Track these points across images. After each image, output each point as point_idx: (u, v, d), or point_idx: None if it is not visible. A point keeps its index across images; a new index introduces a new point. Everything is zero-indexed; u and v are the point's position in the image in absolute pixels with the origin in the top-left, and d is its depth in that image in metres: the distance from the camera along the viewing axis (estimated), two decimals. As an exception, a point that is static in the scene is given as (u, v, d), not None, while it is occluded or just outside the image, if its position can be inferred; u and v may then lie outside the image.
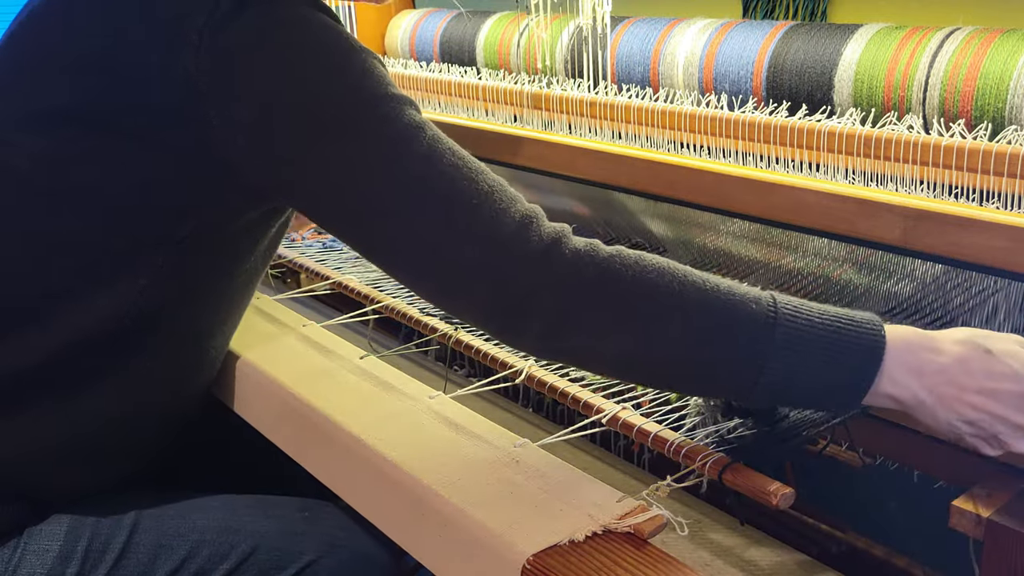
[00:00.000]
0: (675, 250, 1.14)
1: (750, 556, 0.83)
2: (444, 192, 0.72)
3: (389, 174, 0.73)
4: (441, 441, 0.79)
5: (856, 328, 0.68)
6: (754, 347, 0.66)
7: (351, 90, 0.74)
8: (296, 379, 0.92)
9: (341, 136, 0.73)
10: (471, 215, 0.71)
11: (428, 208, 0.72)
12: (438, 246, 0.72)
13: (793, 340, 0.66)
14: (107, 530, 0.88)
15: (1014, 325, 0.84)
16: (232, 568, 0.90)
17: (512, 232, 0.71)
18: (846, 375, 0.67)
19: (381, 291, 1.12)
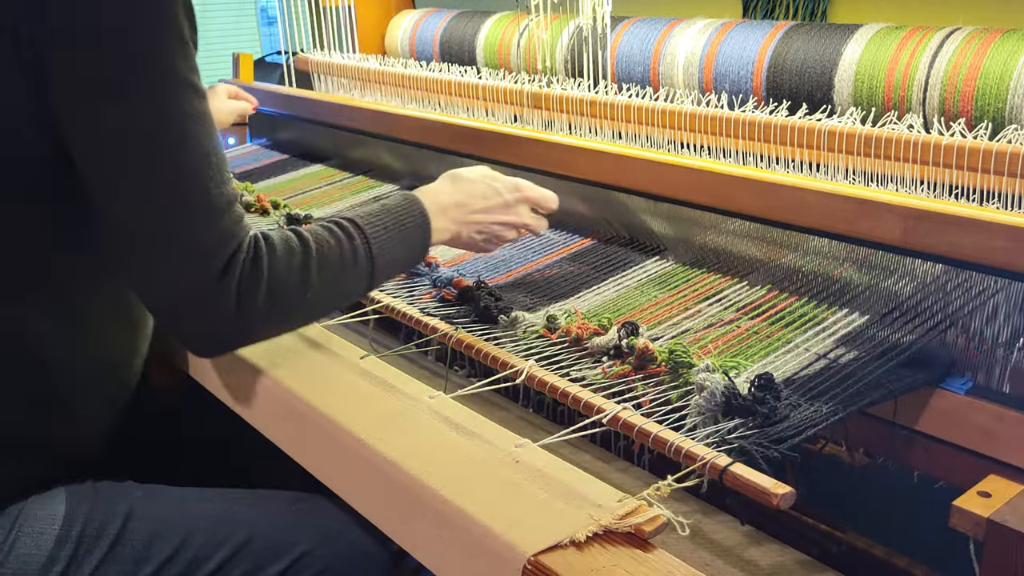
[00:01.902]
0: (675, 249, 1.14)
1: (750, 556, 0.83)
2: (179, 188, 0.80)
3: (150, 151, 0.79)
4: (441, 441, 0.79)
5: (412, 216, 0.97)
6: (363, 290, 0.94)
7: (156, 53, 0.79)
8: (296, 379, 0.92)
9: (124, 92, 0.78)
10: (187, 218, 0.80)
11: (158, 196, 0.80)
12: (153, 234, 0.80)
13: (385, 263, 0.93)
14: (102, 516, 0.89)
15: (1014, 325, 0.84)
16: (227, 557, 0.91)
17: (207, 253, 0.80)
18: (418, 250, 0.98)
19: (381, 291, 1.12)
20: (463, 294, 1.05)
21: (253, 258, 0.83)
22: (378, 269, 0.92)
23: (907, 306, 0.91)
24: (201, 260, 0.80)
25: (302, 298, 0.86)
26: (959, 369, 0.87)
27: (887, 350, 0.86)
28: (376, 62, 1.78)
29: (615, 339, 0.91)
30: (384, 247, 0.92)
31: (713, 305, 1.01)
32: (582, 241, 1.24)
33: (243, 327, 0.84)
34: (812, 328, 0.93)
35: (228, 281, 0.81)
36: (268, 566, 0.92)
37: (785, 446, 0.72)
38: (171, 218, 0.80)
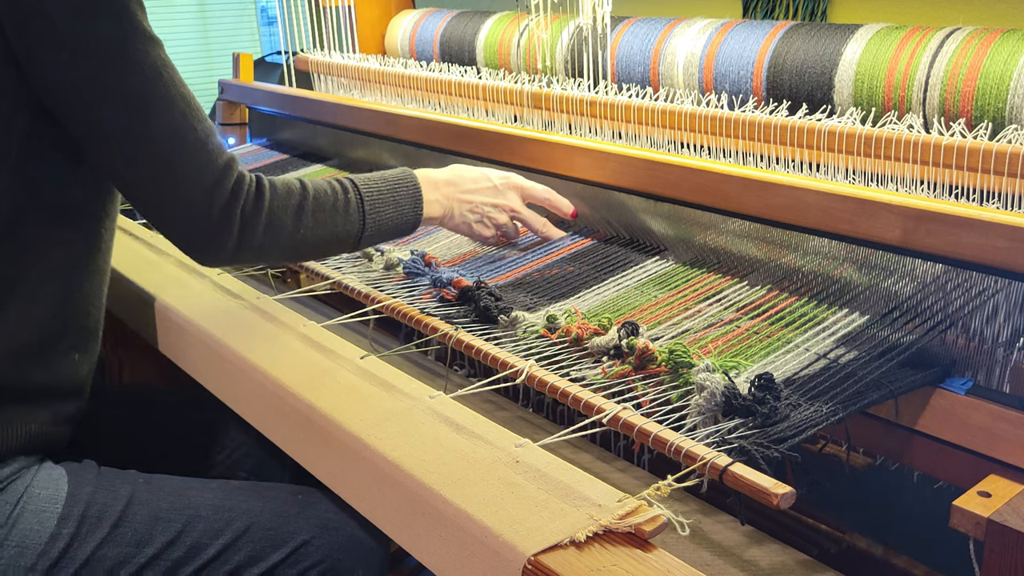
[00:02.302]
0: (675, 249, 1.14)
1: (750, 556, 0.83)
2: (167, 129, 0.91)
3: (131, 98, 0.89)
4: (441, 441, 0.79)
5: (405, 185, 1.09)
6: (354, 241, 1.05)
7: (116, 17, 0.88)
8: (296, 379, 0.92)
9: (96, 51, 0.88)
10: (189, 152, 0.92)
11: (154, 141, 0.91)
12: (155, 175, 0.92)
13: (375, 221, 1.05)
14: (104, 498, 0.92)
15: (1014, 325, 0.84)
16: (227, 544, 0.92)
17: (211, 178, 0.92)
18: (408, 216, 1.10)
19: (381, 291, 1.12)
20: (463, 294, 1.06)
21: (256, 194, 0.95)
22: (368, 224, 1.04)
23: (907, 306, 0.91)
24: (206, 190, 0.92)
25: (295, 234, 0.99)
26: (959, 369, 0.87)
27: (887, 350, 0.86)
28: (376, 62, 1.78)
29: (615, 339, 0.91)
30: (376, 205, 1.05)
31: (713, 305, 1.01)
32: (582, 241, 1.24)
33: (242, 250, 0.96)
34: (812, 328, 0.93)
35: (232, 209, 0.93)
36: (268, 554, 0.93)
37: (785, 446, 0.72)
38: (174, 158, 0.91)
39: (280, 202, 0.97)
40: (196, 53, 4.81)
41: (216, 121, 2.08)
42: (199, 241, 0.96)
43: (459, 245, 1.29)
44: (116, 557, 0.89)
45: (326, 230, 1.02)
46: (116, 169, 0.94)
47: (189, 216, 0.93)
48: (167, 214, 0.95)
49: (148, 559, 0.90)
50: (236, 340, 1.01)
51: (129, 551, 0.90)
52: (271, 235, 0.97)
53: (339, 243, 1.05)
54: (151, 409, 1.24)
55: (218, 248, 0.95)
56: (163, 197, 0.93)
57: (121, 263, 1.27)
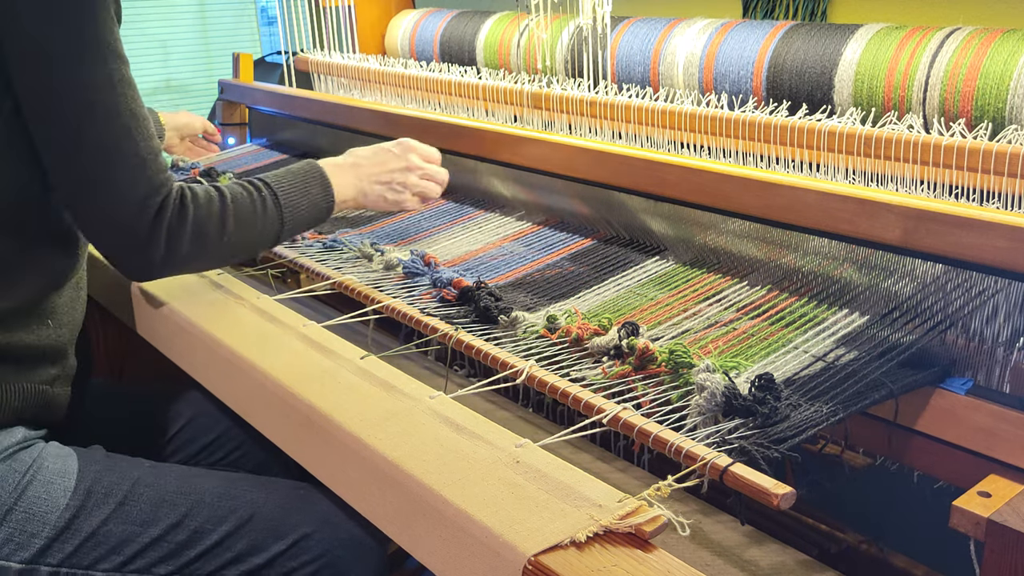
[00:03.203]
0: (675, 249, 1.14)
1: (750, 556, 0.83)
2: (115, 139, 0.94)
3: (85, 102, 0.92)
4: (441, 441, 0.79)
5: (312, 175, 1.15)
6: (275, 237, 1.11)
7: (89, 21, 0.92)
8: (296, 379, 0.92)
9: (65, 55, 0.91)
10: (122, 164, 0.95)
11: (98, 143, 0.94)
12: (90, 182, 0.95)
13: (292, 214, 1.12)
14: (112, 477, 0.94)
15: (1014, 325, 0.84)
16: (229, 531, 0.94)
17: (138, 199, 0.96)
18: (322, 208, 1.16)
19: (381, 291, 1.12)
20: (463, 294, 1.06)
21: (180, 205, 0.99)
22: (286, 219, 1.10)
23: (907, 306, 0.91)
24: (136, 205, 0.96)
25: (219, 240, 1.03)
26: (959, 369, 0.87)
27: (887, 350, 0.86)
28: (376, 62, 1.78)
29: (615, 339, 0.91)
30: (290, 199, 1.11)
31: (713, 305, 1.01)
32: (582, 241, 1.24)
33: (170, 262, 1.00)
34: (812, 328, 0.93)
35: (159, 223, 0.97)
36: (269, 544, 0.95)
37: (785, 446, 0.72)
38: (110, 170, 0.94)
39: (203, 211, 1.01)
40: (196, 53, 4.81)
41: (216, 121, 2.08)
42: (128, 255, 1.00)
43: (459, 245, 1.29)
44: (121, 534, 0.91)
45: (248, 232, 1.07)
46: (56, 175, 0.96)
47: (119, 230, 0.97)
48: (98, 226, 0.98)
49: (152, 540, 0.92)
50: (236, 340, 1.02)
51: (134, 530, 0.92)
52: (197, 244, 1.01)
53: (262, 242, 1.11)
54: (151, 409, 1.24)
55: (147, 262, 0.99)
56: (96, 208, 0.96)
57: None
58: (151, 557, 0.92)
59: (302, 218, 1.13)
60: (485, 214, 1.39)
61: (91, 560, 0.90)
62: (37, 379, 1.00)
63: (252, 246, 1.10)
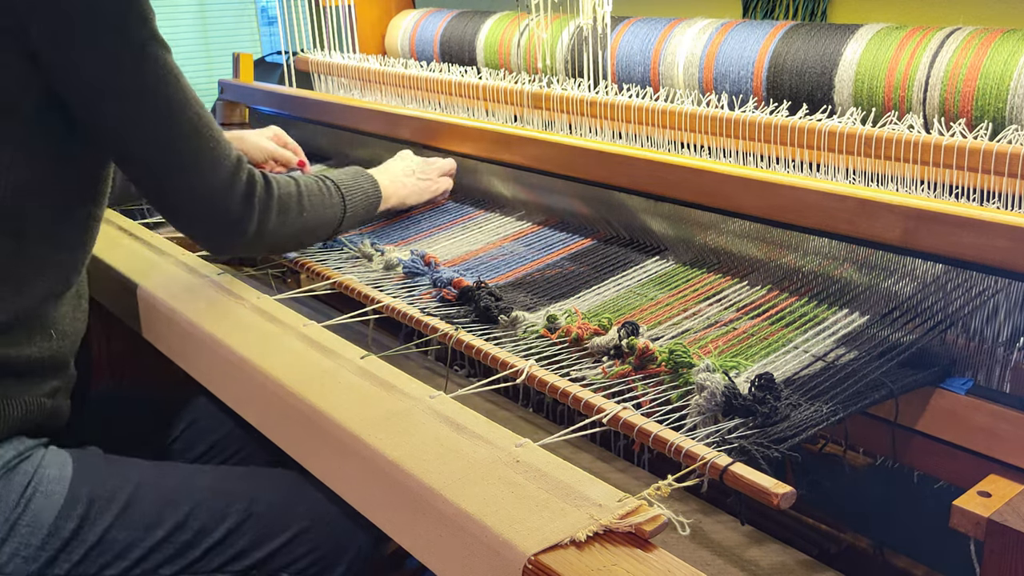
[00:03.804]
0: (676, 249, 1.14)
1: (750, 556, 0.83)
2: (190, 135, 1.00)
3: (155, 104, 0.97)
4: (442, 441, 0.79)
5: (362, 175, 1.29)
6: (339, 223, 1.23)
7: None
8: (296, 379, 0.92)
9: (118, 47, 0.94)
10: (209, 152, 1.01)
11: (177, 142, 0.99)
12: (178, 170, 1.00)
13: (356, 207, 1.25)
14: (113, 482, 0.94)
15: (1014, 325, 0.84)
16: (231, 528, 0.95)
17: (229, 174, 1.03)
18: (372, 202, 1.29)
19: (381, 291, 1.12)
20: (463, 294, 1.06)
21: (266, 183, 1.08)
22: (348, 207, 1.22)
23: (907, 306, 0.91)
24: (227, 181, 1.03)
25: (299, 218, 1.13)
26: (959, 369, 0.87)
27: (887, 350, 0.86)
28: (376, 62, 1.78)
29: (615, 339, 0.91)
30: (349, 190, 1.23)
31: (713, 305, 1.01)
32: (582, 241, 1.24)
33: (260, 234, 1.08)
34: (812, 328, 0.93)
35: (251, 197, 1.05)
36: (269, 540, 0.96)
37: (785, 446, 0.72)
38: (196, 156, 1.00)
39: (284, 190, 1.11)
40: (196, 53, 4.80)
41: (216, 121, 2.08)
42: (223, 228, 1.06)
43: (459, 245, 1.29)
44: (126, 540, 0.91)
45: (320, 213, 1.17)
46: (140, 167, 1.02)
47: (213, 206, 1.03)
48: (192, 206, 1.04)
49: (157, 542, 0.92)
50: (236, 340, 1.01)
51: (138, 534, 0.92)
52: (282, 218, 1.10)
53: (327, 227, 1.21)
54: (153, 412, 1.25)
55: (240, 233, 1.06)
56: (188, 190, 1.02)
57: (120, 262, 1.27)
58: (155, 560, 0.91)
59: (358, 209, 1.25)
60: (485, 214, 1.39)
61: (97, 567, 0.90)
62: (39, 392, 0.99)
63: (320, 229, 1.20)
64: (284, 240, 1.15)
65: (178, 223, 1.09)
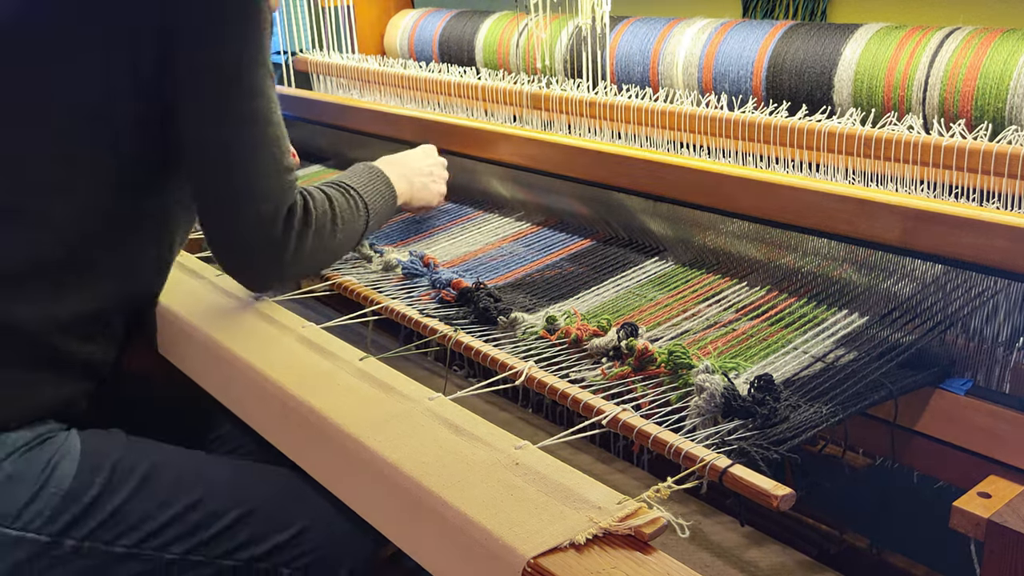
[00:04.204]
0: (675, 249, 1.14)
1: (750, 556, 0.83)
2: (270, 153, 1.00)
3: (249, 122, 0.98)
4: (441, 443, 0.79)
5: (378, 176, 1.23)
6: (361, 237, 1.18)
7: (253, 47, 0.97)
8: (296, 381, 0.92)
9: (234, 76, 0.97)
10: (275, 178, 1.01)
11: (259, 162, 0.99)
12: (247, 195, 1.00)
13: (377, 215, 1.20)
14: (133, 457, 0.97)
15: (1014, 325, 0.84)
16: (237, 518, 0.97)
17: (283, 203, 1.02)
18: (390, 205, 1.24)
19: (380, 292, 1.12)
20: (462, 295, 1.05)
21: (304, 210, 1.05)
22: (371, 217, 1.18)
23: (907, 307, 0.91)
24: (277, 211, 1.01)
25: (333, 239, 1.10)
26: (959, 369, 0.87)
27: (887, 350, 0.86)
28: (375, 62, 1.78)
29: (614, 340, 0.90)
30: (371, 197, 1.19)
31: (713, 306, 1.01)
32: (582, 242, 1.24)
33: (296, 263, 1.05)
34: (812, 329, 0.93)
35: (290, 226, 1.02)
36: (272, 535, 0.97)
37: (785, 447, 0.72)
38: (262, 179, 1.00)
39: (320, 212, 1.07)
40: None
41: None
42: (261, 255, 1.03)
43: (458, 246, 1.29)
44: (141, 513, 0.94)
45: (348, 231, 1.13)
46: (207, 185, 1.01)
47: (259, 231, 1.00)
48: (242, 229, 1.01)
49: (169, 519, 0.94)
50: (236, 342, 1.01)
51: (153, 509, 0.94)
52: (316, 245, 1.06)
53: (353, 240, 1.16)
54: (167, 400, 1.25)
55: (277, 263, 1.03)
56: (244, 212, 1.00)
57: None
58: (166, 536, 0.94)
59: (379, 216, 1.21)
60: (484, 215, 1.39)
61: (112, 536, 0.93)
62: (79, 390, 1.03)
63: (348, 245, 1.16)
64: (318, 264, 1.13)
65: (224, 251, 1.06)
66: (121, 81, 0.96)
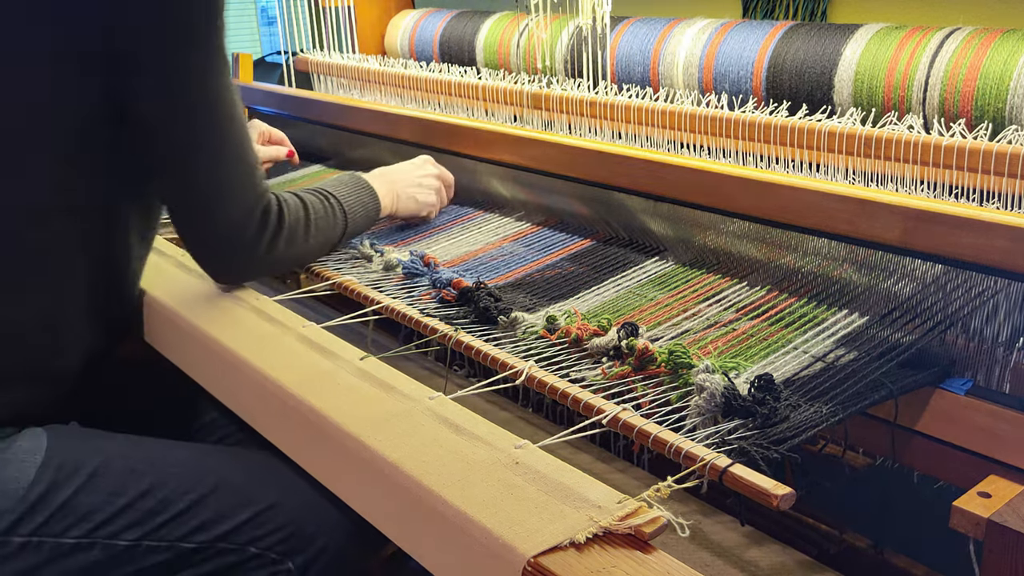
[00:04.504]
0: (675, 249, 1.14)
1: (750, 556, 0.84)
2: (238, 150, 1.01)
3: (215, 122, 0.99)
4: (441, 442, 0.79)
5: (362, 186, 1.27)
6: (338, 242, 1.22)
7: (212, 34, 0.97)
8: (296, 380, 0.92)
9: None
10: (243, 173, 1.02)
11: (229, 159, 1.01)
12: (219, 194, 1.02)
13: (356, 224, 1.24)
14: (83, 452, 0.96)
15: (1014, 325, 0.84)
16: (196, 499, 0.96)
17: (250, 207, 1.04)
18: (372, 215, 1.27)
19: (381, 292, 1.12)
20: (463, 295, 1.05)
21: (279, 211, 1.08)
22: (349, 224, 1.21)
23: (907, 306, 0.91)
24: (248, 210, 1.03)
25: (304, 243, 1.13)
26: (959, 369, 0.87)
27: (887, 350, 0.86)
28: (376, 62, 1.78)
29: (615, 340, 0.91)
30: (351, 206, 1.22)
31: (713, 306, 1.01)
32: (582, 241, 1.24)
33: (266, 263, 1.09)
34: (812, 329, 0.93)
35: (264, 228, 1.05)
36: (235, 512, 0.97)
37: (785, 447, 0.72)
38: (231, 178, 1.01)
39: (294, 217, 1.11)
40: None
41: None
42: (231, 258, 1.07)
43: (458, 246, 1.29)
44: (90, 504, 0.93)
45: (323, 236, 1.17)
46: (177, 184, 1.03)
47: (231, 232, 1.04)
48: (212, 230, 1.04)
49: (120, 508, 0.94)
50: (236, 341, 1.01)
51: (102, 500, 0.94)
52: (288, 247, 1.10)
53: (328, 246, 1.20)
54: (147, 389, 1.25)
55: (248, 262, 1.07)
56: (214, 214, 1.03)
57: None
58: (119, 524, 0.94)
59: (359, 225, 1.25)
60: (485, 214, 1.39)
61: (61, 528, 0.92)
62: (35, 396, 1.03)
63: (322, 250, 1.20)
64: (288, 265, 1.16)
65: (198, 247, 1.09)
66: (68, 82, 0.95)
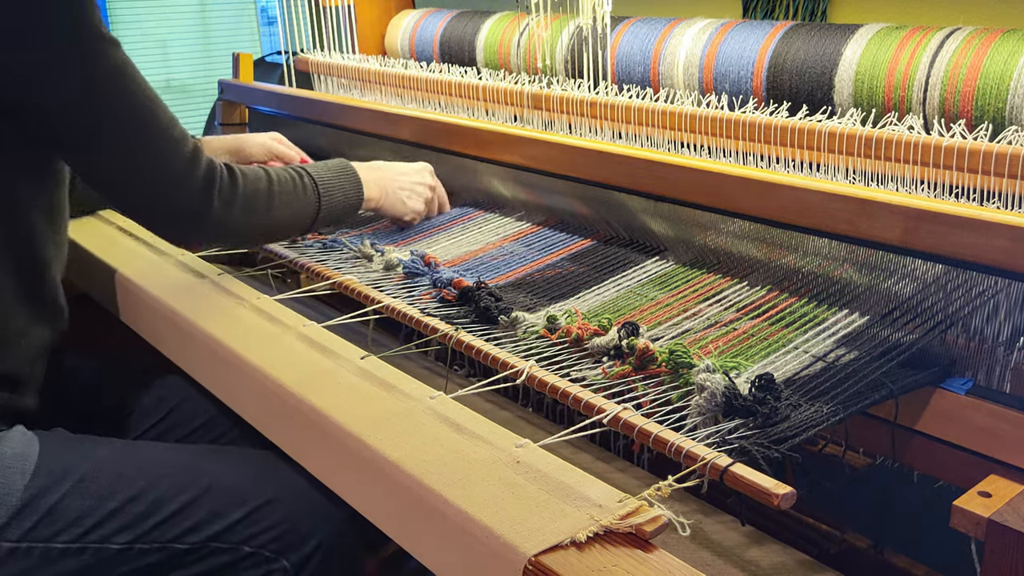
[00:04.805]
0: (675, 249, 1.14)
1: (751, 556, 0.84)
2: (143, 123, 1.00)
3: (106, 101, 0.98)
4: (442, 441, 0.79)
5: (346, 170, 1.25)
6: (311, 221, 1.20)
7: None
8: (297, 379, 0.92)
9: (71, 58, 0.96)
10: (159, 145, 1.02)
11: (129, 134, 1.00)
12: (135, 166, 1.02)
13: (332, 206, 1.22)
14: (72, 457, 0.96)
15: (1014, 325, 0.84)
16: (189, 500, 0.95)
17: (184, 165, 1.03)
18: (353, 202, 1.25)
19: (381, 291, 1.12)
20: (463, 294, 1.06)
21: (230, 176, 1.07)
22: (323, 205, 1.19)
23: (907, 306, 0.91)
24: (180, 177, 1.02)
25: (266, 214, 1.12)
26: (959, 369, 0.87)
27: (887, 350, 0.86)
28: (376, 62, 1.78)
29: (615, 339, 0.91)
30: (328, 189, 1.20)
31: (713, 305, 1.01)
32: (582, 241, 1.24)
33: (223, 229, 1.08)
34: (812, 328, 0.93)
35: (210, 190, 1.04)
36: (229, 512, 0.96)
37: (786, 446, 0.72)
38: (142, 145, 1.01)
39: (252, 185, 1.09)
40: (196, 53, 4.80)
41: (216, 121, 2.08)
42: (179, 218, 1.06)
43: (459, 245, 1.29)
44: (79, 508, 0.93)
45: (290, 211, 1.16)
46: (89, 164, 1.03)
47: (167, 195, 1.03)
48: (141, 198, 1.05)
49: (109, 512, 0.94)
50: (237, 340, 1.02)
51: (91, 504, 0.94)
52: (248, 214, 1.09)
53: (299, 223, 1.19)
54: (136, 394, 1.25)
55: (199, 224, 1.06)
56: (136, 183, 1.03)
57: (117, 261, 1.27)
58: (109, 528, 0.93)
59: (336, 208, 1.22)
60: (485, 214, 1.39)
61: (50, 533, 0.92)
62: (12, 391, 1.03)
63: (290, 226, 1.19)
64: (251, 234, 1.15)
65: (135, 214, 1.10)
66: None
